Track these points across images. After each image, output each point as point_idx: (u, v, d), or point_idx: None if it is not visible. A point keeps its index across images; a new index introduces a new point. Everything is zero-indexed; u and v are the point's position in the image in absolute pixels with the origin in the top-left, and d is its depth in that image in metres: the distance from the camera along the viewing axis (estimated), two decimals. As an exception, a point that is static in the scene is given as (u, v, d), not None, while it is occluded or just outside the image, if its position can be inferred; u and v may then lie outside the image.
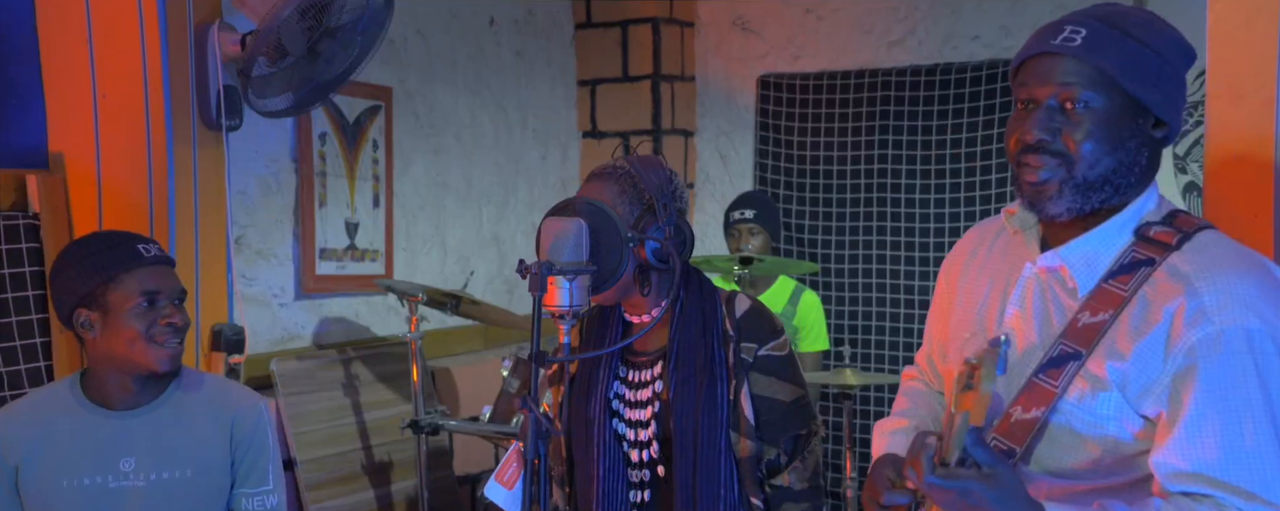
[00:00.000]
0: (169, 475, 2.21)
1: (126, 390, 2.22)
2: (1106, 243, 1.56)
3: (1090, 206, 1.54)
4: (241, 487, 2.29)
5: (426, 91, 4.08)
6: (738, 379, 2.01)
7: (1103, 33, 1.51)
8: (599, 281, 1.92)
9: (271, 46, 2.81)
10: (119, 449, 2.19)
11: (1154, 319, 1.48)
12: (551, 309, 1.82)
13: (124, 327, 2.14)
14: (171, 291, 2.18)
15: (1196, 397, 1.44)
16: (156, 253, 2.20)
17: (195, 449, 2.24)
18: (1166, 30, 1.56)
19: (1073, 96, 1.51)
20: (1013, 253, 1.69)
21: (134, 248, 2.18)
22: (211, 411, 2.28)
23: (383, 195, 3.87)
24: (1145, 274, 1.51)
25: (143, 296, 2.14)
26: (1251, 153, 2.04)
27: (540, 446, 1.75)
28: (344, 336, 3.77)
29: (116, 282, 2.14)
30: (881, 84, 4.40)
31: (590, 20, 4.80)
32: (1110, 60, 1.50)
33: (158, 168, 2.87)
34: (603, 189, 2.01)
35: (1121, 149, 1.52)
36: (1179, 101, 1.56)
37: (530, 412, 1.74)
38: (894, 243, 4.39)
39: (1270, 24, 2.03)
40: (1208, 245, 1.53)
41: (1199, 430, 1.44)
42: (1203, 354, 1.44)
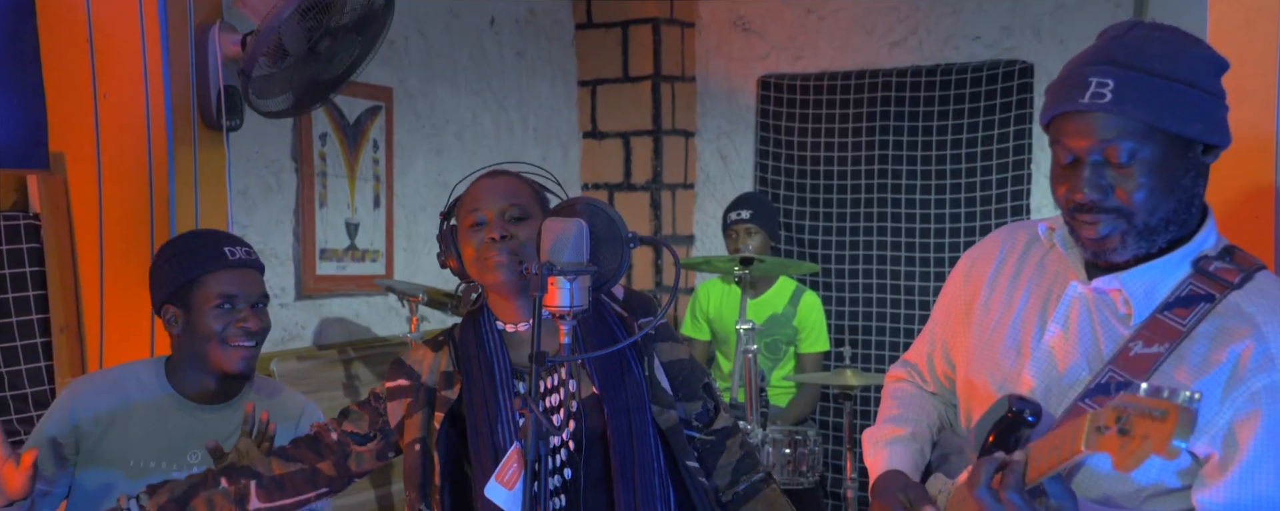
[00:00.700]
0: None
1: (205, 386, 2.28)
2: (1167, 272, 1.53)
3: (1157, 247, 1.52)
4: None
5: (427, 91, 4.08)
6: (648, 354, 1.99)
7: (1130, 80, 1.46)
8: (600, 281, 1.92)
9: (272, 46, 2.81)
10: (190, 441, 2.25)
11: (1217, 358, 1.46)
12: (552, 309, 1.82)
13: (202, 327, 2.22)
14: (251, 295, 2.24)
15: (1256, 442, 1.42)
16: (242, 256, 2.26)
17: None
18: (1191, 50, 1.51)
19: (1117, 151, 1.47)
20: (1052, 269, 1.65)
21: (221, 249, 2.25)
22: (279, 416, 2.31)
23: (383, 195, 3.88)
24: (1204, 310, 1.48)
25: (221, 298, 2.21)
26: (1252, 153, 2.04)
27: (541, 447, 1.74)
28: (344, 336, 3.77)
29: (199, 283, 2.22)
30: (882, 84, 4.40)
31: (591, 20, 4.81)
32: (1147, 110, 1.45)
33: (158, 168, 2.87)
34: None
35: (1177, 188, 1.49)
36: (1222, 117, 1.52)
37: (531, 413, 1.74)
38: (895, 243, 4.39)
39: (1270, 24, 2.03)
40: (1269, 287, 1.51)
41: (1254, 474, 1.43)
42: (1268, 400, 1.42)
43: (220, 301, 2.21)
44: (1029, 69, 4.17)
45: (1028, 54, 4.19)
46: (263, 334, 2.27)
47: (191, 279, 2.22)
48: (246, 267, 2.26)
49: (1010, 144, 4.19)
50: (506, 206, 1.99)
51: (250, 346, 2.24)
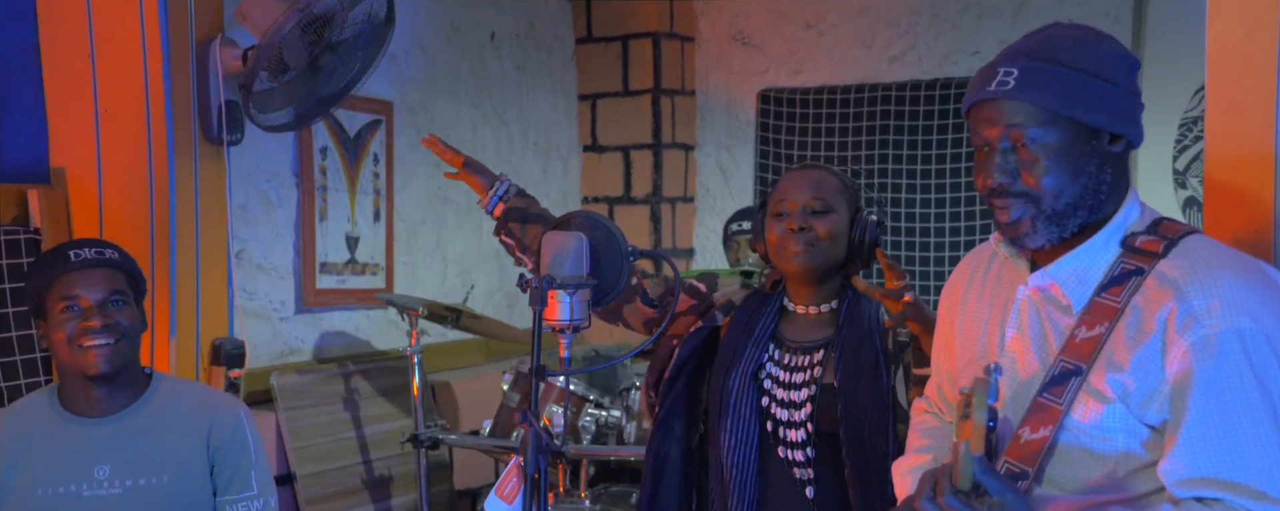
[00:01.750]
0: (145, 482, 2.18)
1: (93, 397, 2.20)
2: (1093, 257, 1.58)
3: (1069, 231, 1.57)
4: (224, 495, 2.27)
5: (428, 105, 4.09)
6: (895, 363, 2.12)
7: (1034, 69, 1.54)
8: (599, 295, 1.93)
9: (273, 61, 2.81)
10: (93, 456, 2.17)
11: (1149, 328, 1.49)
12: (552, 323, 1.82)
13: (56, 333, 2.14)
14: (97, 293, 2.14)
15: (1195, 402, 1.45)
16: (89, 255, 2.16)
17: (171, 455, 2.22)
18: (1101, 45, 1.59)
19: (1020, 136, 1.54)
20: (1006, 277, 1.70)
21: (64, 253, 2.16)
22: (187, 418, 2.25)
23: (383, 209, 3.88)
24: (1136, 283, 1.53)
25: (65, 300, 2.13)
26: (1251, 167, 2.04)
27: (540, 461, 1.74)
28: (344, 350, 3.77)
29: (49, 291, 2.15)
30: (882, 99, 4.40)
31: (591, 34, 4.82)
32: (1047, 96, 1.52)
33: (159, 182, 2.87)
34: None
35: (1083, 174, 1.55)
36: (1130, 111, 1.58)
37: (530, 427, 1.74)
38: (894, 257, 4.38)
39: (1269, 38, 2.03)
40: (1194, 249, 1.54)
41: (1201, 434, 1.45)
42: (1197, 358, 1.45)
43: (65, 304, 2.12)
44: (1028, 83, 4.17)
45: (1027, 68, 4.20)
46: (118, 331, 2.14)
47: (43, 288, 2.15)
48: (92, 267, 2.15)
49: (1010, 157, 4.19)
50: (810, 200, 2.16)
51: (105, 343, 2.13)
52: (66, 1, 2.89)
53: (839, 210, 2.18)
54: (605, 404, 3.22)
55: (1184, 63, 3.84)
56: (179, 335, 2.89)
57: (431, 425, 3.49)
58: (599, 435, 3.19)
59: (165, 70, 2.83)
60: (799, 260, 2.13)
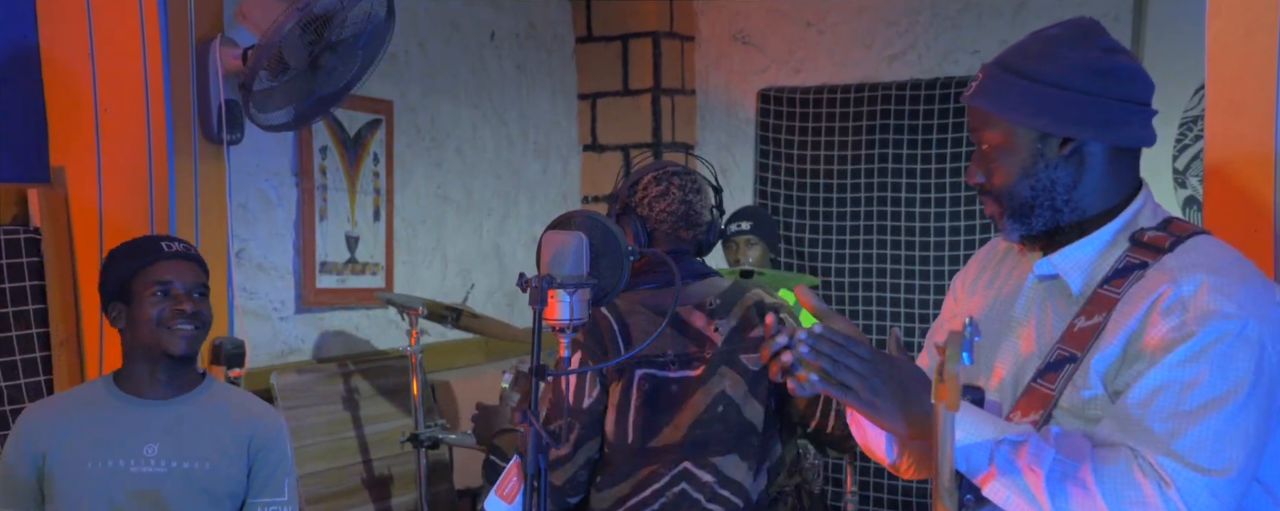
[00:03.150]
0: (189, 465, 2.31)
1: (155, 380, 2.34)
2: (1097, 249, 1.63)
3: (1039, 226, 1.64)
4: (257, 497, 2.39)
5: (427, 105, 4.09)
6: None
7: (993, 77, 1.63)
8: (600, 295, 1.93)
9: (273, 60, 2.81)
10: (144, 435, 2.30)
11: (1136, 309, 1.53)
12: (552, 322, 1.82)
13: (142, 314, 2.28)
14: (188, 282, 2.31)
15: (1153, 371, 1.49)
16: (179, 248, 2.35)
17: (215, 444, 2.34)
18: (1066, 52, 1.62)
19: (980, 139, 1.65)
20: (1020, 267, 1.74)
21: (157, 244, 2.34)
22: (234, 417, 2.40)
23: (383, 208, 3.88)
24: (1137, 276, 1.57)
25: (158, 285, 2.28)
26: (1251, 166, 2.04)
27: (540, 461, 1.74)
28: (344, 350, 3.76)
29: (138, 276, 2.29)
30: (882, 98, 4.40)
31: (591, 34, 4.82)
32: (992, 102, 1.62)
33: (159, 181, 2.87)
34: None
35: (1030, 175, 1.62)
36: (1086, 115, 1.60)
37: (530, 426, 1.74)
38: (895, 256, 4.39)
39: (1269, 38, 2.04)
40: (1200, 246, 1.58)
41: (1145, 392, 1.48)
42: (1174, 337, 1.49)
43: (156, 288, 2.28)
44: (1028, 82, 4.17)
45: (1027, 67, 4.20)
46: (202, 320, 2.33)
47: (130, 273, 2.30)
48: (182, 259, 2.34)
49: (1010, 157, 4.19)
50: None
51: (190, 329, 2.30)
52: (66, 1, 2.89)
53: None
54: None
55: (1184, 63, 3.84)
56: (179, 335, 2.88)
57: (431, 425, 3.49)
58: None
59: (165, 70, 2.83)
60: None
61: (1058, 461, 1.48)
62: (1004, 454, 1.50)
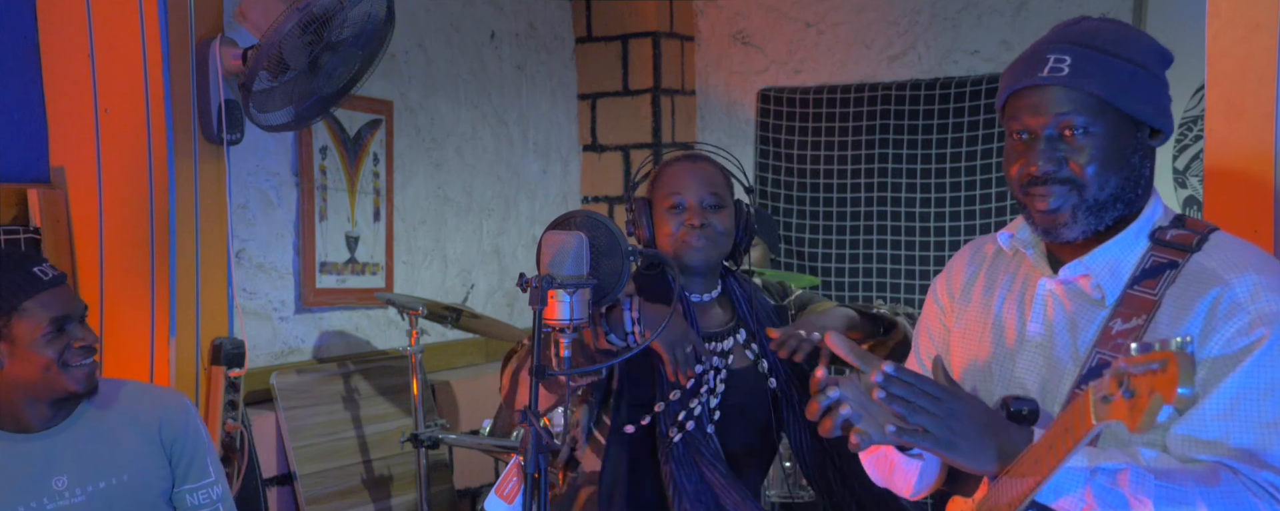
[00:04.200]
0: (105, 484, 2.17)
1: (41, 413, 2.16)
2: (1127, 250, 1.58)
3: (1104, 224, 1.57)
4: (183, 485, 2.28)
5: (427, 105, 4.09)
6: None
7: (1086, 57, 1.54)
8: (600, 295, 1.92)
9: (273, 61, 2.81)
10: (48, 469, 2.14)
11: (1189, 315, 1.50)
12: (552, 323, 1.82)
13: (37, 356, 2.07)
14: (77, 311, 2.12)
15: (1228, 380, 1.46)
16: (53, 273, 2.12)
17: (126, 454, 2.21)
18: (1141, 39, 1.60)
19: (1071, 124, 1.53)
20: (1021, 273, 1.69)
21: (30, 272, 2.09)
22: (135, 417, 2.25)
23: (383, 208, 3.88)
24: (1171, 276, 1.54)
25: (50, 324, 2.07)
26: (1250, 167, 2.04)
27: (540, 460, 1.74)
28: (344, 350, 3.77)
29: (21, 313, 2.07)
30: (882, 98, 4.40)
31: (591, 34, 4.82)
32: (1100, 85, 1.52)
33: (159, 181, 2.87)
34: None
35: (1126, 166, 1.55)
36: (1167, 105, 1.60)
37: (530, 427, 1.74)
38: (895, 256, 4.39)
39: (1269, 40, 2.04)
40: (1225, 244, 1.57)
41: (1223, 404, 1.46)
42: (1240, 343, 1.47)
43: (49, 327, 2.06)
44: (1028, 82, 4.17)
45: (1027, 67, 4.20)
46: (99, 347, 2.16)
47: (10, 309, 2.05)
48: (60, 284, 2.11)
49: (1010, 157, 4.19)
50: (707, 194, 2.22)
51: (92, 362, 2.13)
52: (66, 1, 2.89)
53: (728, 204, 2.27)
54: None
55: (1184, 63, 3.83)
56: (179, 335, 2.88)
57: (431, 425, 3.49)
58: (599, 435, 3.19)
59: (165, 70, 2.83)
60: (702, 255, 2.21)
61: (1162, 487, 1.42)
62: (1102, 484, 1.44)
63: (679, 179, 2.23)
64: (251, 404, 3.29)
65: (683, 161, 2.27)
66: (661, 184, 2.26)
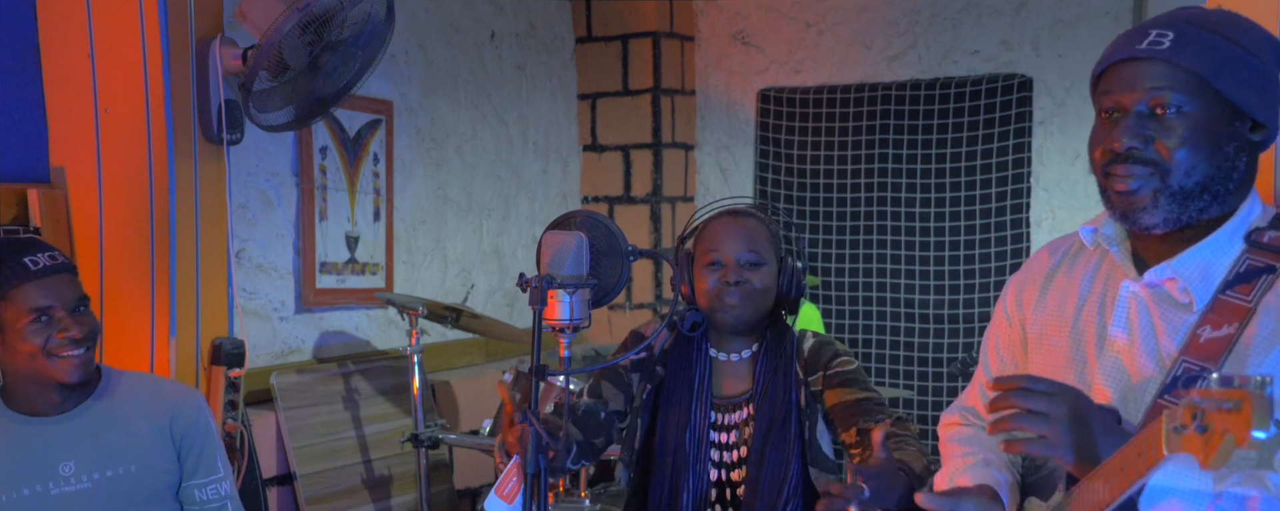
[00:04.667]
0: (112, 472, 2.18)
1: (49, 398, 2.17)
2: (1219, 252, 1.47)
3: (1188, 217, 1.46)
4: (191, 479, 2.28)
5: (427, 105, 4.09)
6: (808, 418, 2.18)
7: (1191, 34, 1.43)
8: (600, 295, 1.93)
9: (273, 61, 2.81)
10: (56, 454, 2.16)
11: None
12: (552, 323, 1.82)
13: (22, 343, 2.08)
14: (67, 301, 2.10)
15: None
16: (46, 262, 2.11)
17: (135, 444, 2.21)
18: (1255, 28, 1.48)
19: (1164, 101, 1.43)
20: (1102, 272, 1.59)
21: (20, 261, 2.09)
22: (147, 408, 2.25)
23: (383, 208, 3.88)
24: (1268, 281, 1.43)
25: (34, 313, 2.07)
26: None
27: (540, 460, 1.74)
28: (344, 350, 3.77)
29: (7, 300, 2.07)
30: (881, 98, 4.40)
31: (591, 34, 4.82)
32: (1202, 62, 1.42)
33: (159, 181, 2.87)
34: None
35: (1218, 154, 1.44)
36: (1275, 102, 1.47)
37: (530, 427, 1.74)
38: (895, 256, 4.39)
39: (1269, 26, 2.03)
40: None
41: None
42: None
43: (34, 316, 2.07)
44: (1028, 83, 4.17)
45: (1026, 68, 4.20)
46: (91, 337, 2.13)
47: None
48: (53, 274, 2.10)
49: (1010, 157, 4.19)
50: (744, 252, 2.20)
51: (80, 353, 2.11)
52: (66, 1, 2.89)
53: (769, 261, 2.23)
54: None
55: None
56: (179, 335, 2.88)
57: (431, 424, 3.49)
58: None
59: (165, 70, 2.83)
60: (735, 314, 2.20)
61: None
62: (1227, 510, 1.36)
63: (718, 236, 2.23)
64: (251, 404, 3.30)
65: (724, 217, 2.26)
66: (702, 240, 2.26)
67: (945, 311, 4.27)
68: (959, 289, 4.25)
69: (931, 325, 4.29)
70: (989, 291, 4.21)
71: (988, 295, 4.21)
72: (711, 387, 2.25)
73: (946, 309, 4.26)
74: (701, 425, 2.21)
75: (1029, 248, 4.19)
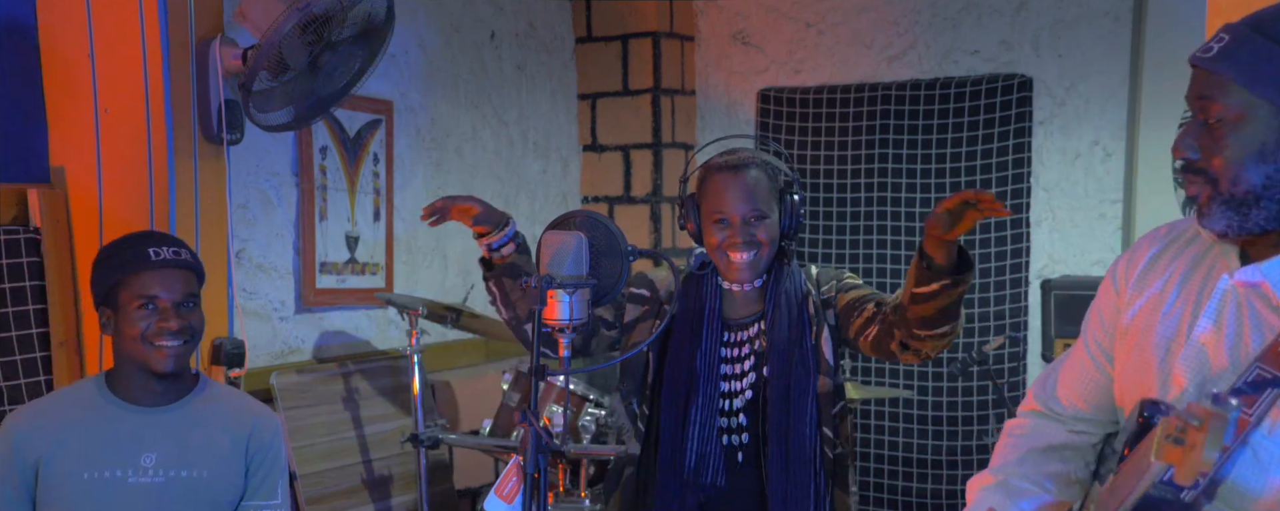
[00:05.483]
0: (186, 474, 2.25)
1: (149, 388, 2.26)
2: None
3: (1255, 225, 1.42)
4: (251, 499, 2.33)
5: (427, 105, 4.09)
6: (817, 324, 2.29)
7: (1242, 38, 1.40)
8: (599, 294, 1.93)
9: (273, 61, 2.81)
10: (141, 444, 2.23)
11: None
12: (551, 322, 1.82)
13: (128, 328, 2.20)
14: (175, 294, 2.21)
15: None
16: (167, 255, 2.22)
17: (213, 451, 2.28)
18: None
19: (1208, 110, 1.42)
20: (1207, 260, 1.55)
21: (144, 250, 2.22)
22: (232, 419, 2.33)
23: (383, 208, 3.88)
24: None
25: (143, 299, 2.19)
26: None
27: (540, 460, 1.74)
28: (344, 350, 3.77)
29: (123, 285, 2.20)
30: (881, 98, 4.40)
31: (591, 34, 4.82)
32: (1240, 69, 1.39)
33: (159, 181, 2.87)
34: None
35: (1268, 161, 1.40)
36: None
37: (530, 426, 1.74)
38: (895, 256, 4.39)
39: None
40: None
41: None
42: None
43: (142, 302, 2.18)
44: (1028, 83, 4.17)
45: (1026, 68, 4.20)
46: (190, 333, 2.23)
47: (117, 281, 2.20)
48: (171, 267, 2.21)
49: (1010, 157, 4.19)
50: (749, 211, 2.29)
51: (176, 345, 2.20)
52: (66, 1, 2.89)
53: (773, 210, 2.32)
54: (605, 403, 3.22)
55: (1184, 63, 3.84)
56: (179, 335, 2.88)
57: (431, 424, 3.49)
58: (599, 435, 3.19)
59: (165, 70, 2.83)
60: (743, 267, 2.30)
61: None
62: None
63: (723, 195, 2.30)
64: (251, 404, 3.29)
65: (727, 173, 2.32)
66: (706, 194, 2.34)
67: (945, 311, 4.27)
68: (959, 289, 4.25)
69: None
70: (989, 291, 4.21)
71: (987, 295, 4.21)
72: (722, 312, 2.36)
73: (946, 309, 4.26)
74: (713, 345, 2.32)
75: (1029, 248, 4.19)
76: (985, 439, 4.11)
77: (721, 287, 2.39)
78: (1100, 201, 4.14)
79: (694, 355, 2.33)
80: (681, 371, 2.33)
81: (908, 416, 4.31)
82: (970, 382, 4.17)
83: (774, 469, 2.25)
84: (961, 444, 4.23)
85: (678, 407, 2.32)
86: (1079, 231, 4.19)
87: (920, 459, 4.28)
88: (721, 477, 2.30)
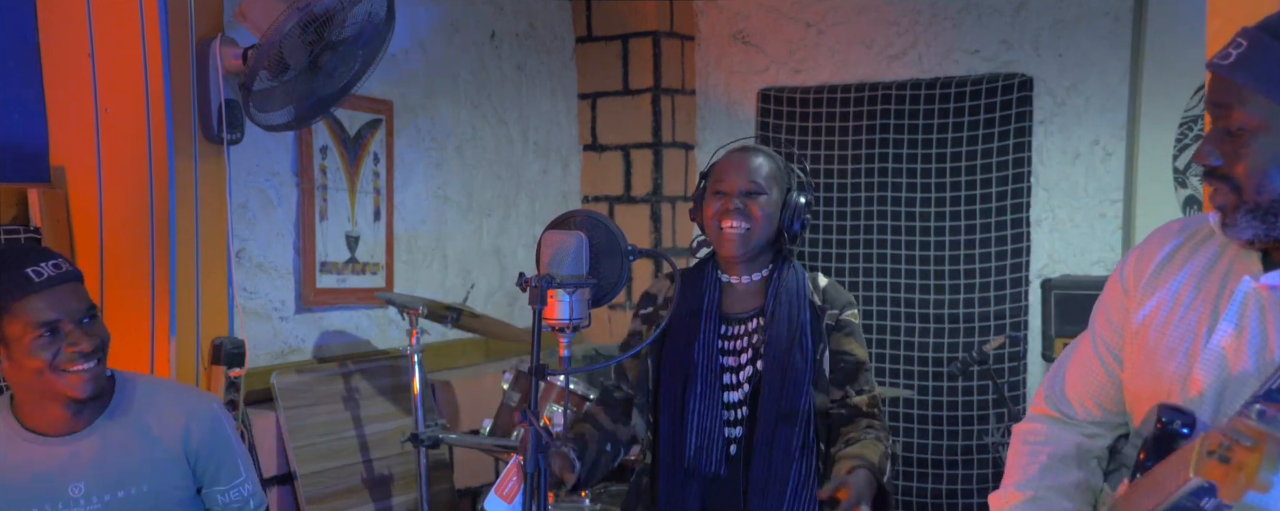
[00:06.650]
0: (124, 494, 2.11)
1: (61, 415, 2.08)
2: None
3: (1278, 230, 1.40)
4: (213, 486, 2.23)
5: (428, 105, 4.09)
6: (823, 342, 2.34)
7: (1259, 45, 1.38)
8: (600, 295, 1.93)
9: (273, 60, 2.81)
10: (66, 475, 2.07)
11: None
12: (552, 322, 1.82)
13: (29, 359, 1.97)
14: (74, 313, 1.99)
15: None
16: (51, 272, 1.98)
17: (147, 463, 2.14)
18: None
19: (1227, 117, 1.40)
20: (1227, 261, 1.52)
21: (23, 272, 1.96)
22: (161, 422, 2.17)
23: (384, 208, 3.88)
24: None
25: (41, 327, 1.96)
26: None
27: (540, 460, 1.74)
28: (344, 349, 3.77)
29: (10, 314, 1.96)
30: (882, 97, 4.40)
31: (591, 34, 4.82)
32: (1250, 75, 1.37)
33: (159, 181, 2.87)
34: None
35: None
36: None
37: (530, 426, 1.74)
38: (895, 256, 4.39)
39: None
40: None
41: None
42: None
43: (40, 331, 1.95)
44: (1028, 82, 4.17)
45: (1027, 67, 4.20)
46: (101, 348, 2.03)
47: (1, 312, 1.95)
48: (59, 284, 1.97)
49: (1010, 157, 4.19)
50: (746, 183, 2.35)
51: (91, 367, 2.00)
52: (66, 1, 2.89)
53: (770, 191, 2.37)
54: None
55: (1184, 63, 3.84)
56: (179, 335, 2.89)
57: (432, 424, 3.49)
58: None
59: (165, 70, 2.83)
60: (734, 236, 2.33)
61: None
62: None
63: (726, 168, 2.39)
64: (251, 404, 3.29)
65: (734, 153, 2.42)
66: (713, 173, 2.43)
67: (945, 311, 4.26)
68: (959, 289, 4.25)
69: (931, 325, 4.29)
70: (989, 291, 4.21)
71: (988, 295, 4.21)
72: (721, 305, 2.40)
73: (946, 309, 4.26)
74: (711, 338, 2.35)
75: (1029, 247, 4.19)
76: (985, 438, 4.11)
77: (721, 281, 2.43)
78: (1100, 201, 4.14)
79: (692, 346, 2.36)
80: (679, 361, 2.36)
81: (908, 416, 4.31)
82: (970, 382, 4.17)
83: (758, 460, 2.29)
84: (962, 443, 4.23)
85: (676, 397, 2.35)
86: (1079, 231, 4.19)
87: (920, 458, 4.28)
88: (722, 467, 2.33)
